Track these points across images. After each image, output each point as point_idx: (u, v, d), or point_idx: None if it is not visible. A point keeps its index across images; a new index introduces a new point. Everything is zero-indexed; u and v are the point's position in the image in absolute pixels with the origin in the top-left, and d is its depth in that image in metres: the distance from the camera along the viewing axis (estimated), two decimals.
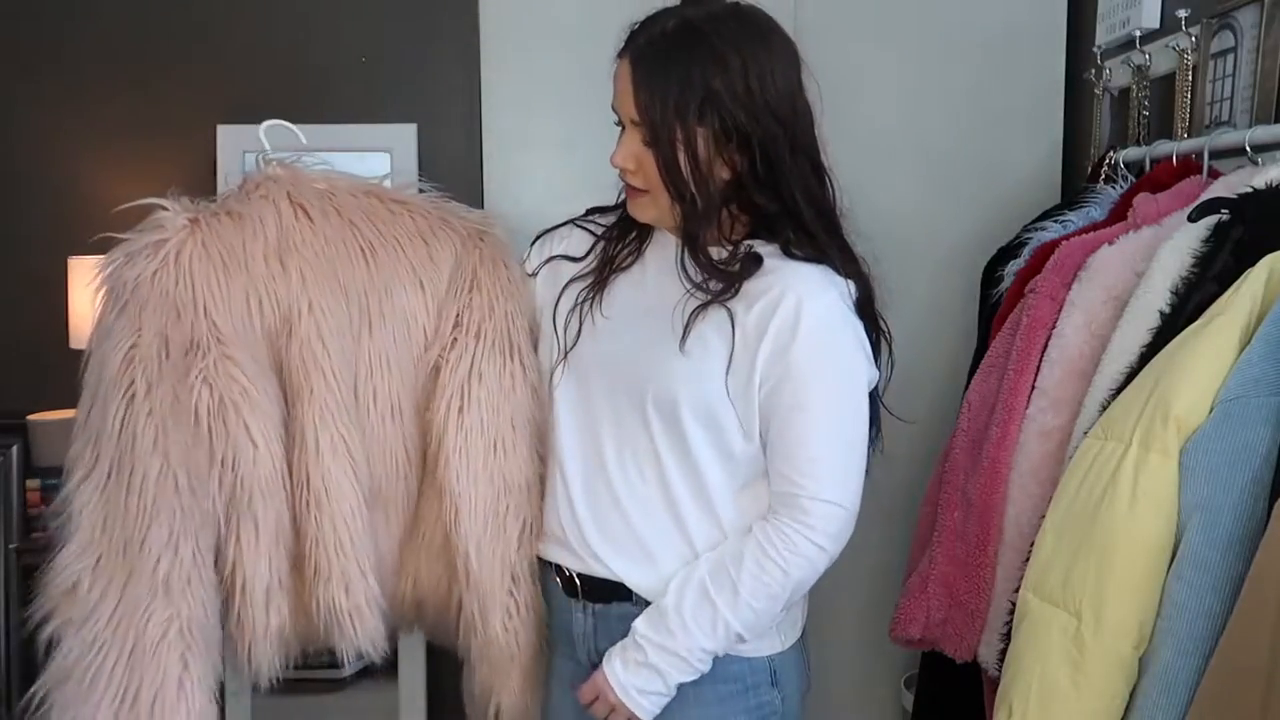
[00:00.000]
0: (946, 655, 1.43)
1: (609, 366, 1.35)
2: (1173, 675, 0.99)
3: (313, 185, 1.42)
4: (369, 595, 1.36)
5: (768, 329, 1.26)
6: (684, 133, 1.24)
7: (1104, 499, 1.05)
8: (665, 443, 1.31)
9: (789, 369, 1.26)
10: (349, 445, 1.34)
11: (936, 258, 1.99)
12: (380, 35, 2.35)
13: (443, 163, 2.35)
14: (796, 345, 1.26)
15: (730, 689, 1.35)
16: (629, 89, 1.26)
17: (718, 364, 1.28)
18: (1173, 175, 1.44)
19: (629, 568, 1.33)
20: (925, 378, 2.00)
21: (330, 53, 2.35)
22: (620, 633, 1.34)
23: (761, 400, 1.28)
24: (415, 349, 1.41)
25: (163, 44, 2.32)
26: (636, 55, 1.26)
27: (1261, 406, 0.98)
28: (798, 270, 1.29)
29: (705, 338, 1.29)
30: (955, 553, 1.42)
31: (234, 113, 2.31)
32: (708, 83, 1.22)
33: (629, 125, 1.28)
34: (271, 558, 1.32)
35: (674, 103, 1.23)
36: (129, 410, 1.27)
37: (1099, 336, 1.28)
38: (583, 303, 1.38)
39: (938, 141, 2.00)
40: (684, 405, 1.28)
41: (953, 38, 1.98)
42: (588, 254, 1.42)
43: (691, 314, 1.29)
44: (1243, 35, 1.42)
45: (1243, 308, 1.03)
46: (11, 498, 2.27)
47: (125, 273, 1.33)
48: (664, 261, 1.36)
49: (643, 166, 1.28)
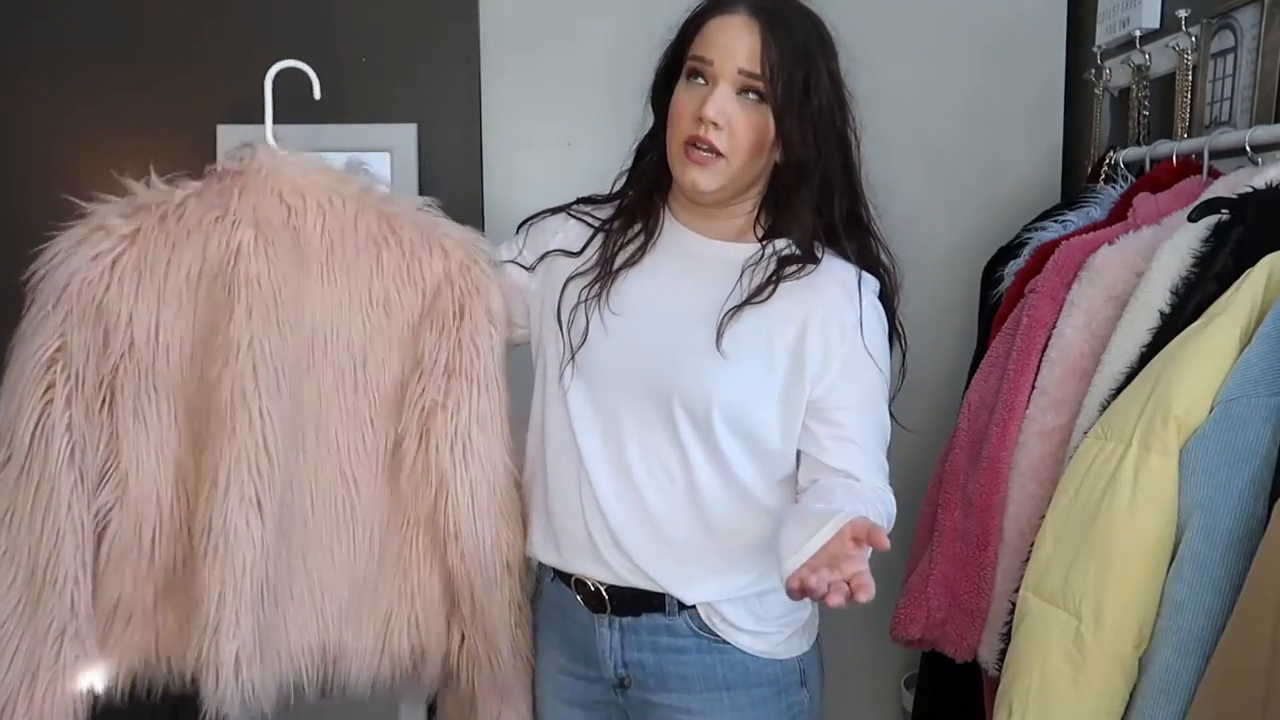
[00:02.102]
0: (946, 655, 1.43)
1: (628, 368, 1.29)
2: (1172, 675, 0.99)
3: (292, 183, 1.34)
4: (245, 653, 1.28)
5: (807, 332, 1.25)
6: (804, 100, 1.23)
7: (1104, 499, 1.05)
8: (694, 444, 1.27)
9: (840, 370, 1.26)
10: (259, 494, 1.27)
11: (936, 258, 1.99)
12: (380, 35, 2.34)
13: (443, 163, 2.35)
14: (845, 346, 1.26)
15: (765, 692, 1.33)
16: (752, 40, 1.21)
17: (756, 367, 1.26)
18: (1173, 175, 1.44)
19: (665, 574, 1.30)
20: (925, 378, 1.99)
21: (330, 53, 2.34)
22: (650, 645, 1.32)
23: (812, 401, 1.27)
24: (378, 381, 1.35)
25: (163, 44, 2.32)
26: (757, 9, 1.22)
27: (1261, 406, 0.98)
28: (827, 268, 1.28)
29: (741, 340, 1.26)
30: (955, 553, 1.42)
31: (234, 113, 2.32)
32: (819, 60, 1.24)
33: (729, 79, 1.22)
34: (135, 578, 1.31)
35: (802, 64, 1.22)
36: (44, 417, 1.26)
37: (1099, 336, 1.28)
38: (588, 301, 1.31)
39: (938, 141, 2.00)
40: (717, 408, 1.25)
41: (953, 38, 1.98)
42: (585, 248, 1.36)
43: (728, 314, 1.25)
44: (1243, 35, 1.42)
45: (1243, 308, 1.04)
46: None
47: (58, 274, 1.31)
48: (679, 254, 1.33)
49: (733, 124, 1.22)
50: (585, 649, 1.36)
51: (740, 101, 1.23)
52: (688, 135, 1.24)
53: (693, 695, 1.32)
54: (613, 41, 1.34)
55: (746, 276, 1.27)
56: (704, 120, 1.22)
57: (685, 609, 1.31)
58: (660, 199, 1.37)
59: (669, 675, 1.32)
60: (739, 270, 1.28)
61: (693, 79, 1.26)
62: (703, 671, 1.32)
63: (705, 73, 1.24)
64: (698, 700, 1.32)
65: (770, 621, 1.33)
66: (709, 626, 1.31)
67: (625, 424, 1.29)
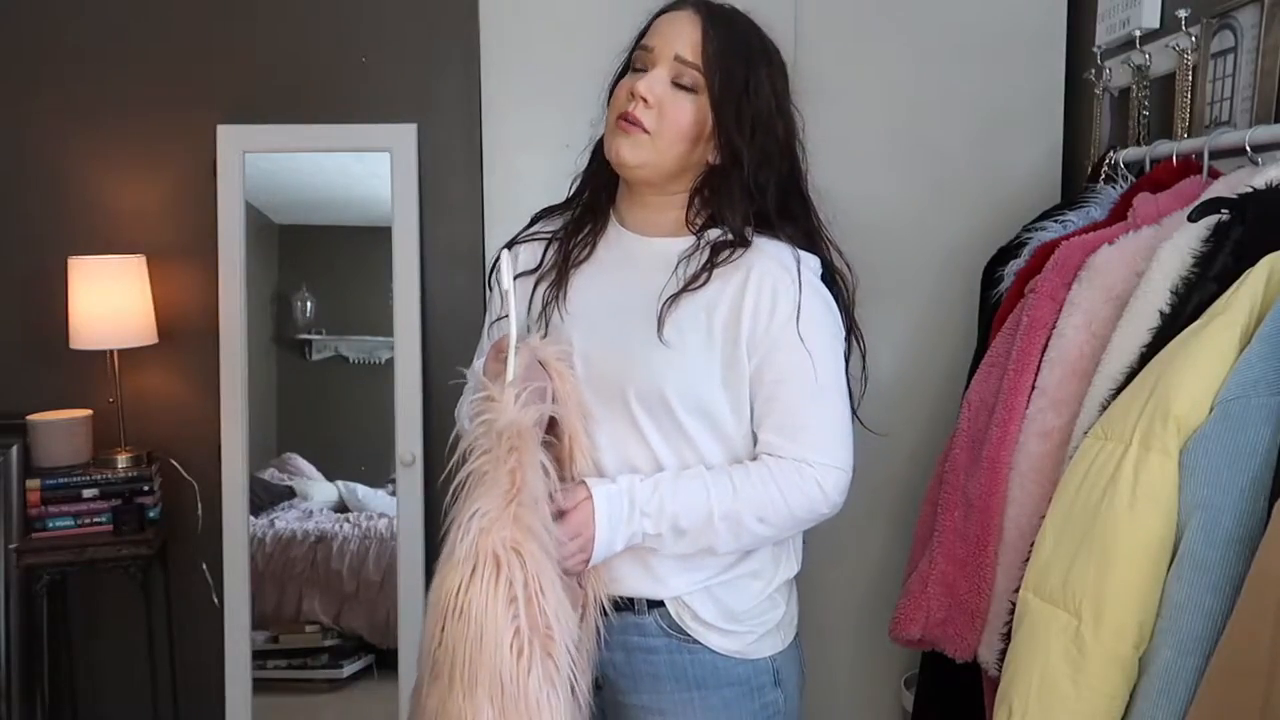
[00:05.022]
0: (946, 655, 1.43)
1: (585, 366, 1.32)
2: (1173, 675, 0.99)
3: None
4: None
5: (743, 308, 1.28)
6: (743, 99, 1.28)
7: (1104, 499, 1.05)
8: (657, 435, 1.30)
9: (772, 344, 1.28)
10: None
11: (937, 258, 1.99)
12: (380, 35, 2.35)
13: (443, 163, 2.36)
14: (775, 319, 1.28)
15: (736, 692, 1.34)
16: (693, 33, 1.28)
17: (699, 352, 1.28)
18: (1173, 175, 1.43)
19: (636, 577, 1.31)
20: (925, 378, 2.00)
21: (330, 53, 2.35)
22: (620, 644, 1.33)
23: (751, 378, 1.29)
24: None
25: (163, 44, 2.33)
26: (701, 6, 1.30)
27: (1261, 407, 0.98)
28: (760, 248, 1.31)
29: (681, 327, 1.29)
30: (955, 553, 1.42)
31: (234, 113, 2.32)
32: (761, 68, 1.30)
33: (665, 64, 1.29)
34: None
35: (742, 64, 1.29)
36: None
37: (1099, 336, 1.27)
38: (548, 304, 1.36)
39: (938, 141, 2.00)
40: (673, 396, 1.28)
41: (952, 38, 1.98)
42: (542, 258, 1.40)
43: (666, 303, 1.29)
44: (1243, 35, 1.42)
45: (1243, 308, 1.03)
46: (11, 498, 2.27)
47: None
48: (621, 254, 1.37)
49: (662, 107, 1.28)
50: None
51: (674, 88, 1.29)
52: (620, 110, 1.30)
53: (664, 695, 1.33)
54: (613, 42, 1.35)
55: (682, 266, 1.31)
56: (635, 95, 1.28)
57: (655, 607, 1.32)
58: (608, 199, 1.41)
59: (640, 675, 1.33)
60: (675, 261, 1.32)
61: (635, 67, 1.32)
62: (673, 671, 1.33)
63: (645, 60, 1.31)
64: (668, 700, 1.33)
65: (741, 620, 1.34)
66: (679, 625, 1.32)
67: (593, 421, 1.32)
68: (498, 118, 2.03)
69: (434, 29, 2.34)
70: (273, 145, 2.35)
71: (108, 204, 2.36)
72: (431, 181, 2.36)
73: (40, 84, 2.32)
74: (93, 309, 2.21)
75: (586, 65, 1.99)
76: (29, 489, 2.22)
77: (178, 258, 2.36)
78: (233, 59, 2.34)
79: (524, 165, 2.03)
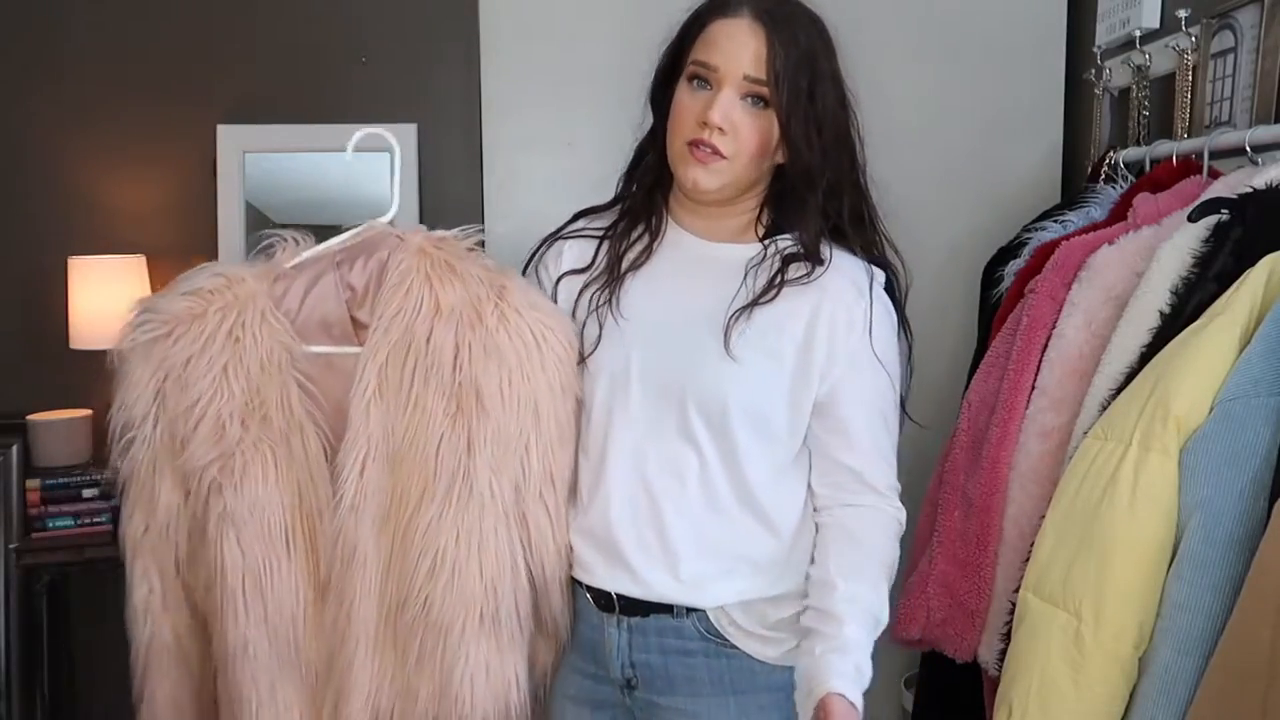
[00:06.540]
0: (946, 655, 1.43)
1: (640, 373, 1.28)
2: (1173, 675, 0.99)
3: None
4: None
5: (816, 332, 1.26)
6: (807, 102, 1.24)
7: (1104, 499, 1.05)
8: (710, 446, 1.26)
9: (846, 367, 1.26)
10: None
11: (937, 258, 1.99)
12: (380, 35, 2.35)
13: (443, 163, 2.36)
14: (850, 344, 1.26)
15: (773, 698, 1.31)
16: (758, 46, 1.22)
17: (766, 368, 1.26)
18: (1173, 175, 1.43)
19: (667, 581, 1.29)
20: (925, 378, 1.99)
21: (330, 53, 2.35)
22: (658, 646, 1.31)
23: (820, 398, 1.27)
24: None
25: (163, 44, 2.33)
26: (761, 13, 1.23)
27: (1261, 407, 0.98)
28: (836, 266, 1.28)
29: (750, 341, 1.25)
30: (955, 553, 1.42)
31: (234, 113, 2.32)
32: (823, 63, 1.25)
33: (734, 84, 1.23)
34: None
35: (807, 69, 1.23)
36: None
37: (1099, 336, 1.28)
38: (599, 307, 1.32)
39: (938, 141, 2.00)
40: (734, 408, 1.25)
41: (952, 38, 1.98)
42: (594, 259, 1.36)
43: (733, 316, 1.25)
44: (1243, 35, 1.42)
45: (1243, 308, 1.03)
46: (11, 498, 2.27)
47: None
48: (683, 259, 1.33)
49: (737, 130, 1.23)
50: (594, 648, 1.36)
51: (744, 106, 1.23)
52: (691, 137, 1.24)
53: (699, 699, 1.31)
54: (613, 41, 1.35)
55: (750, 277, 1.28)
56: (709, 125, 1.22)
57: (693, 612, 1.30)
58: (662, 198, 1.37)
59: (676, 677, 1.32)
60: (742, 271, 1.28)
61: (696, 82, 1.26)
62: (710, 675, 1.31)
63: (709, 78, 1.24)
64: (704, 704, 1.31)
65: (780, 628, 1.32)
66: (718, 630, 1.30)
67: (641, 429, 1.29)
68: (498, 118, 2.03)
69: (434, 29, 2.34)
70: (273, 145, 2.35)
71: (107, 204, 2.35)
72: (431, 181, 2.36)
73: (40, 84, 2.32)
74: (93, 309, 2.21)
75: (586, 65, 2.00)
76: (29, 489, 2.21)
77: (178, 258, 2.34)
78: (233, 59, 2.34)
79: (524, 165, 2.03)
